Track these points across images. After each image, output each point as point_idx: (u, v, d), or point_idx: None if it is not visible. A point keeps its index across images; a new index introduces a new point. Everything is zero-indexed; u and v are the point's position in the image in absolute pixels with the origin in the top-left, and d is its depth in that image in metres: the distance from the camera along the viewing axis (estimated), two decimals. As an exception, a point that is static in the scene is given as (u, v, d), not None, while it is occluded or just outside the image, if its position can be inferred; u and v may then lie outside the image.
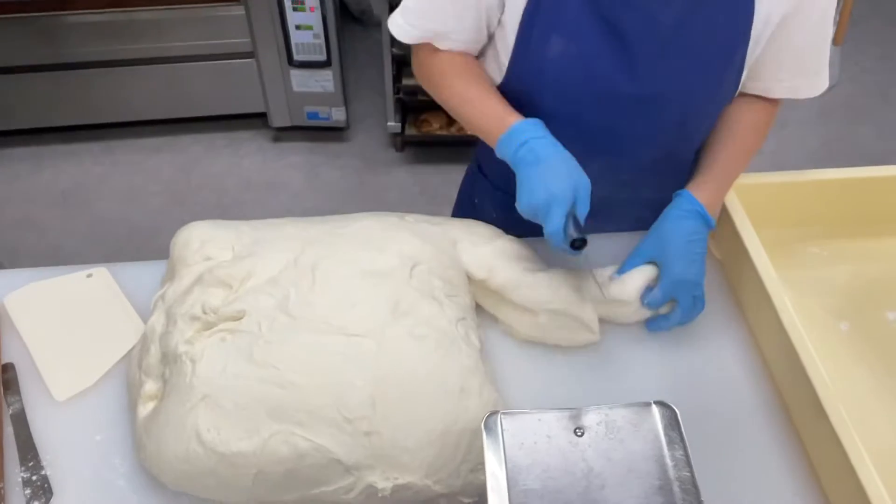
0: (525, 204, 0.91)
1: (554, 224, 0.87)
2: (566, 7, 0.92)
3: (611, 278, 1.02)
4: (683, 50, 0.94)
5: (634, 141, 1.05)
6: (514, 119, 0.95)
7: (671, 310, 1.00)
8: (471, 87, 1.01)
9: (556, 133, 1.05)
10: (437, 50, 1.03)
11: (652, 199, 1.14)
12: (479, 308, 1.04)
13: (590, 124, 1.03)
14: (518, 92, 1.03)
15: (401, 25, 1.01)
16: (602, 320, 1.01)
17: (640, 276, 1.00)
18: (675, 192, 1.03)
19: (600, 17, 0.92)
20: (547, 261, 1.06)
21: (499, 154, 0.96)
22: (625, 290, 1.00)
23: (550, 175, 0.89)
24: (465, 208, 1.34)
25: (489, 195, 1.24)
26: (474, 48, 1.05)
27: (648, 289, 1.00)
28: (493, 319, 1.04)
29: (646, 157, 1.09)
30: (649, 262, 1.01)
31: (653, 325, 1.02)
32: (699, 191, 1.02)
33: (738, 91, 1.03)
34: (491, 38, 1.03)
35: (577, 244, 0.87)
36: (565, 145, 1.06)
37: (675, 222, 1.00)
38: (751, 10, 0.92)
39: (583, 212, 0.90)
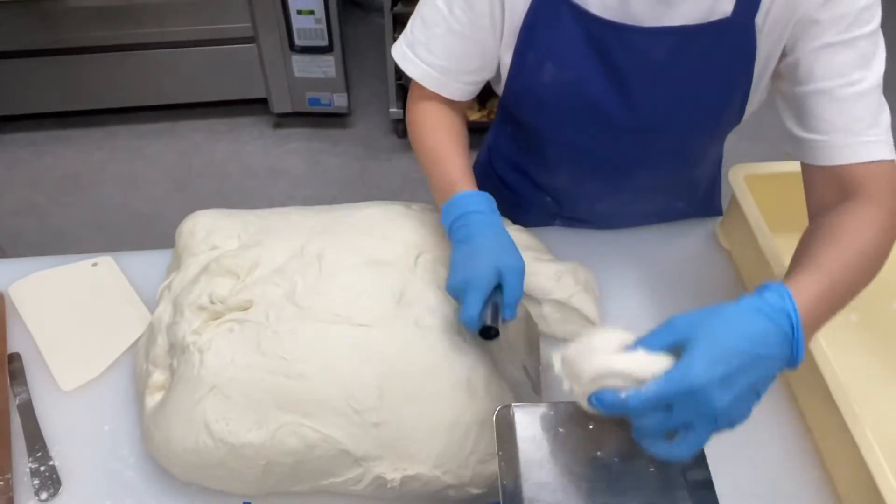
0: (447, 285, 0.86)
1: (467, 311, 0.80)
2: (560, 34, 0.90)
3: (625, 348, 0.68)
4: (677, 84, 0.90)
5: (631, 166, 1.04)
6: (459, 188, 0.90)
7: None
8: (439, 144, 0.97)
9: (552, 152, 1.05)
10: (426, 97, 1.00)
11: (654, 210, 1.14)
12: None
13: (585, 148, 1.01)
14: (516, 109, 1.02)
15: (410, 58, 0.97)
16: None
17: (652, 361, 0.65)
18: (764, 284, 0.71)
19: (593, 46, 0.89)
20: (555, 253, 1.06)
21: (442, 223, 0.92)
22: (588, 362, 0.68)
23: (474, 256, 0.83)
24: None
25: (497, 188, 1.24)
26: (476, 89, 1.00)
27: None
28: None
29: (645, 180, 1.07)
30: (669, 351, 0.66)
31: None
32: (801, 289, 0.70)
33: (741, 122, 0.97)
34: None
35: (485, 333, 0.82)
36: (561, 164, 1.06)
37: (740, 312, 0.66)
38: (752, 47, 0.87)
39: (510, 298, 0.82)
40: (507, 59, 0.95)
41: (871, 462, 0.79)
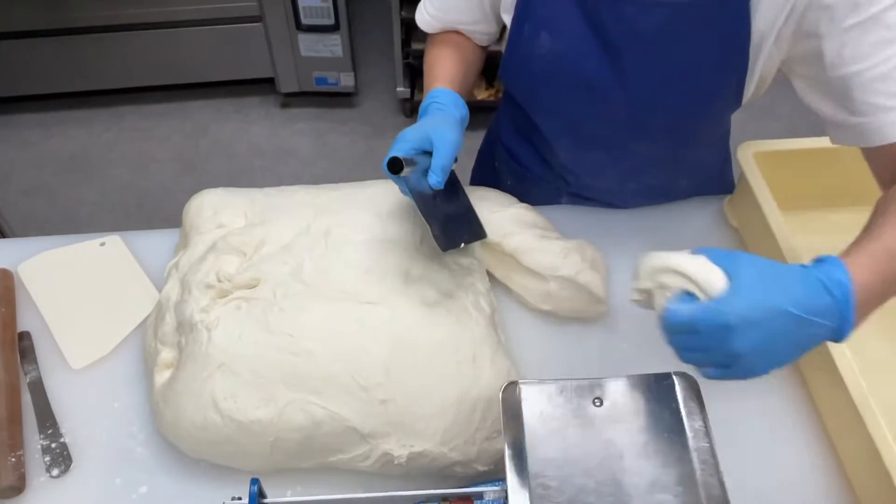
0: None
1: (387, 157, 0.84)
2: (555, 4, 0.91)
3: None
4: (668, 58, 0.90)
5: (627, 139, 1.03)
6: (436, 85, 0.99)
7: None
8: (439, 55, 1.05)
9: (551, 125, 1.06)
10: (434, 43, 1.07)
11: (660, 185, 1.14)
12: (492, 278, 1.03)
13: (581, 121, 1.01)
14: (513, 81, 1.03)
15: (425, 18, 1.06)
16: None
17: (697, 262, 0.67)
18: (821, 257, 0.71)
19: (587, 18, 0.90)
20: (562, 232, 1.05)
21: None
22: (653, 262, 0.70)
23: (417, 126, 0.90)
24: (484, 173, 1.34)
25: (505, 162, 1.23)
26: (488, 39, 1.08)
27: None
28: (507, 290, 1.04)
29: (643, 154, 1.07)
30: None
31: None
32: (859, 267, 0.68)
33: (741, 104, 0.96)
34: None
35: (391, 164, 0.84)
36: (562, 137, 1.07)
37: (795, 273, 0.67)
38: (745, 25, 0.85)
39: (437, 163, 0.85)
40: (507, 22, 0.98)
41: (878, 440, 0.79)
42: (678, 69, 0.90)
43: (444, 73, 1.02)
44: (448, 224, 0.93)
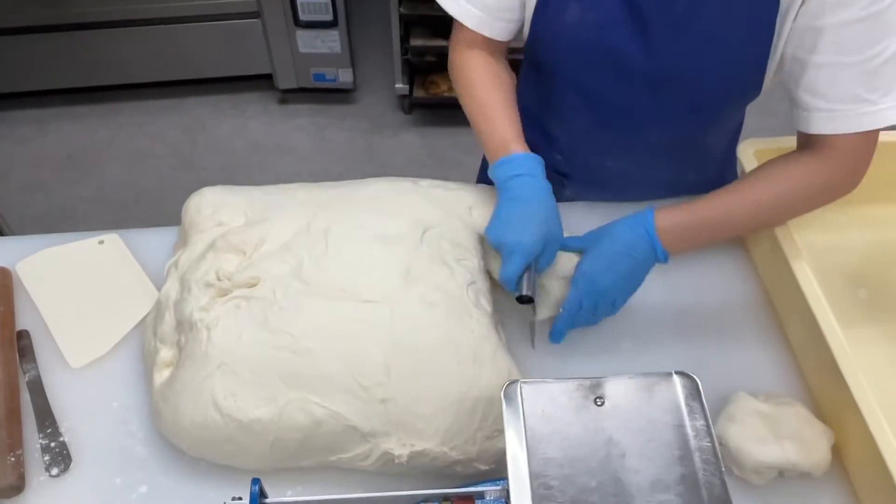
0: (494, 235, 0.92)
1: (509, 271, 0.89)
2: None
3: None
4: (698, 32, 0.91)
5: (646, 120, 1.03)
6: (516, 148, 0.95)
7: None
8: (491, 100, 1.01)
9: (568, 101, 1.05)
10: (473, 45, 1.03)
11: (666, 177, 1.13)
12: (492, 278, 1.03)
13: (603, 98, 1.01)
14: (538, 53, 1.02)
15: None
16: None
17: (567, 262, 0.97)
18: (647, 207, 0.96)
19: None
20: (569, 229, 1.05)
21: (490, 175, 0.97)
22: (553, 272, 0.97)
23: (527, 220, 0.91)
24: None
25: None
26: (516, 28, 1.03)
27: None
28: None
29: (658, 138, 1.06)
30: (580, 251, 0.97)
31: (553, 333, 0.97)
32: (665, 216, 0.94)
33: (762, 90, 0.98)
34: None
35: (521, 299, 0.90)
36: (577, 115, 1.06)
37: (619, 228, 0.95)
38: (774, 2, 0.87)
39: (545, 265, 0.93)
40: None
41: (878, 437, 0.79)
42: (707, 42, 0.91)
43: (516, 129, 0.98)
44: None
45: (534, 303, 0.93)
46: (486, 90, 1.02)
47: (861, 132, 0.87)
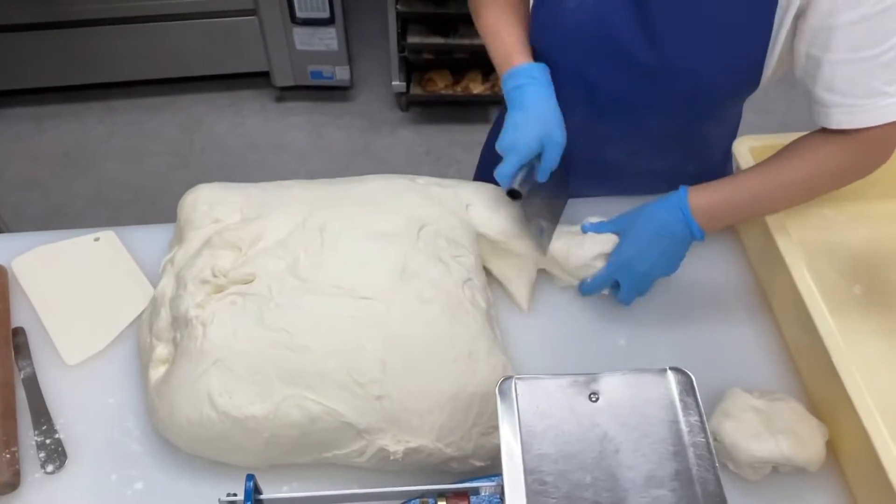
0: (497, 143, 0.97)
1: (503, 169, 0.94)
2: None
3: (574, 234, 1.02)
4: (699, 22, 0.91)
5: (645, 110, 1.03)
6: (519, 59, 0.99)
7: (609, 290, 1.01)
8: (499, 19, 1.04)
9: (568, 91, 1.04)
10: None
11: (664, 170, 1.13)
12: (488, 274, 1.03)
13: (602, 87, 1.02)
14: (538, 41, 1.03)
15: None
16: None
17: (596, 244, 0.99)
18: (681, 187, 0.98)
19: None
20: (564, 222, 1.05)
21: (502, 88, 1.01)
22: (577, 253, 0.99)
23: (523, 123, 0.95)
24: (489, 166, 1.33)
25: None
26: None
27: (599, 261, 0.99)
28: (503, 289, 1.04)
29: (656, 129, 1.07)
30: (615, 233, 1.00)
31: (585, 287, 1.01)
32: (698, 195, 0.96)
33: (759, 84, 0.98)
34: None
35: (511, 194, 0.95)
36: (576, 105, 1.05)
37: (654, 209, 0.97)
38: None
39: (547, 165, 0.96)
40: None
41: (873, 434, 0.79)
42: (706, 32, 0.92)
43: (519, 43, 1.01)
44: (546, 216, 1.03)
45: (521, 198, 0.95)
46: (494, 13, 1.05)
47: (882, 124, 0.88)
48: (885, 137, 0.90)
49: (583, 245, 0.99)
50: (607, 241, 0.99)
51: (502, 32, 1.03)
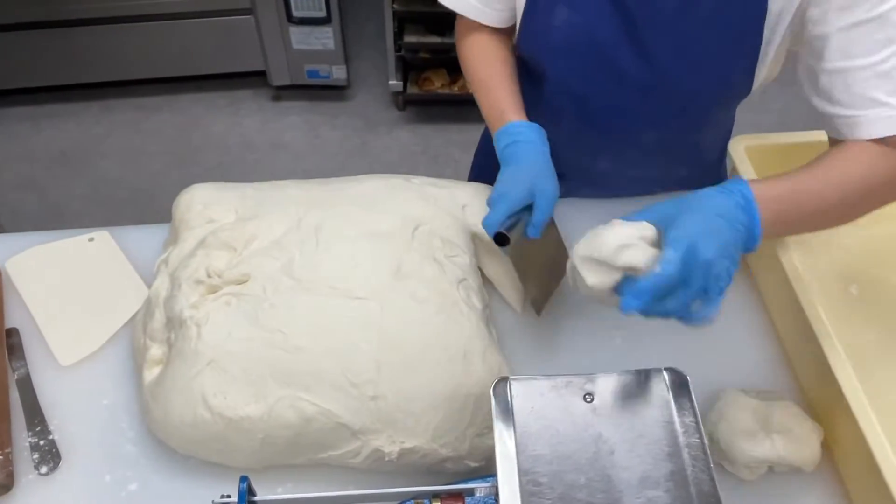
0: (488, 198, 0.93)
1: (490, 217, 0.89)
2: None
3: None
4: (688, 34, 0.90)
5: (636, 121, 1.03)
6: (512, 117, 0.97)
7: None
8: (492, 75, 1.03)
9: (558, 102, 1.04)
10: (472, 29, 1.05)
11: (659, 177, 1.13)
12: (483, 275, 1.03)
13: (592, 99, 1.01)
14: (528, 54, 1.02)
15: None
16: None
17: (629, 229, 0.74)
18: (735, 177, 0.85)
19: None
20: (558, 225, 1.05)
21: (495, 145, 0.99)
22: (598, 242, 0.74)
23: (515, 176, 0.92)
24: (483, 166, 1.33)
25: None
26: (511, 16, 1.04)
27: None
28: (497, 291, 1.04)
29: (648, 138, 1.06)
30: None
31: (639, 288, 0.72)
32: (759, 186, 0.79)
33: (751, 90, 0.97)
34: None
35: (497, 239, 0.89)
36: (567, 115, 1.06)
37: (707, 194, 0.78)
38: (763, 4, 0.86)
39: (538, 218, 0.90)
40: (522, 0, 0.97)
41: (868, 433, 0.79)
42: (695, 45, 0.91)
43: (511, 95, 1.00)
44: (541, 277, 0.98)
45: (509, 244, 0.89)
46: (485, 67, 1.04)
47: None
48: None
49: (608, 233, 0.75)
50: (643, 228, 0.75)
51: (496, 89, 1.01)
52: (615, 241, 0.73)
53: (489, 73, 1.03)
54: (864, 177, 0.83)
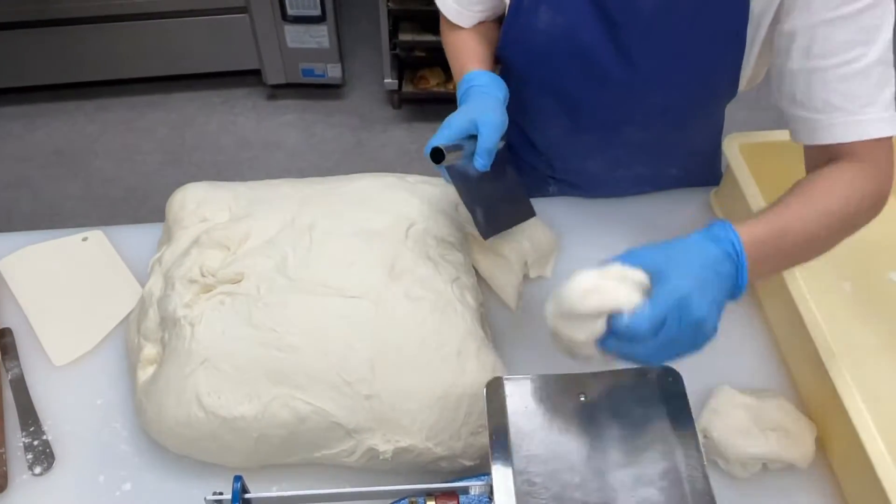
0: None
1: (431, 141, 0.87)
2: None
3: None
4: (668, 36, 0.90)
5: (622, 122, 1.03)
6: (471, 67, 0.98)
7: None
8: (465, 40, 1.04)
9: (544, 105, 1.05)
10: (453, 27, 1.06)
11: (649, 176, 1.13)
12: (477, 273, 1.03)
13: (577, 101, 1.01)
14: (511, 56, 1.02)
15: (453, 8, 1.04)
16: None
17: (587, 275, 0.70)
18: (711, 223, 0.77)
19: None
20: (550, 223, 1.05)
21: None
22: (562, 295, 0.71)
23: (460, 111, 0.91)
24: None
25: None
26: (486, 16, 1.05)
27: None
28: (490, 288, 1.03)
29: (635, 139, 1.06)
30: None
31: (626, 325, 0.68)
32: (745, 227, 0.75)
33: (737, 93, 0.97)
34: None
35: (434, 155, 0.87)
36: (553, 118, 1.06)
37: (698, 241, 0.73)
38: (744, 5, 0.85)
39: (483, 145, 0.87)
40: (506, 2, 0.97)
41: (862, 431, 0.79)
42: (677, 46, 0.90)
43: (475, 55, 1.01)
44: (492, 209, 0.95)
45: (444, 159, 0.86)
46: (461, 40, 1.05)
47: (866, 140, 0.79)
48: (878, 155, 0.81)
49: (570, 283, 0.71)
50: (614, 272, 0.71)
51: (463, 49, 1.03)
52: (578, 289, 0.69)
53: (460, 36, 1.05)
54: (844, 200, 0.80)
